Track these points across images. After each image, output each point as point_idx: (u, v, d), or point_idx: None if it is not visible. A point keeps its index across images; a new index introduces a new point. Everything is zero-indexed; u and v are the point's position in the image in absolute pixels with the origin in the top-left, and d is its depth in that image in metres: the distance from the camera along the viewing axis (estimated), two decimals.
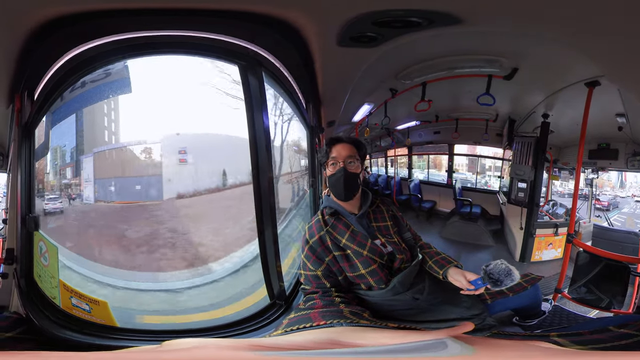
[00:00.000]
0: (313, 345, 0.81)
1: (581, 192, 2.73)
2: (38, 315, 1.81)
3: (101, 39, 1.69)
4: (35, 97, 1.85)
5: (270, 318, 2.02)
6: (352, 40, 1.76)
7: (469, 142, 3.32)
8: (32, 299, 1.84)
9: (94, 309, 1.94)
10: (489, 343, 0.79)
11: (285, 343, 0.88)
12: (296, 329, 1.18)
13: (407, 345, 0.76)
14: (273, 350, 0.74)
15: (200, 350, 0.77)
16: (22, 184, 1.84)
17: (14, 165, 1.90)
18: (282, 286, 2.11)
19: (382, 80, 2.80)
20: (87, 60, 1.76)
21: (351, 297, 1.64)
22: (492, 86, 2.59)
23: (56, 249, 1.97)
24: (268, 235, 2.02)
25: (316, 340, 0.85)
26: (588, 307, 2.29)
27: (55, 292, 1.91)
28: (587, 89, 2.28)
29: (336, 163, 1.66)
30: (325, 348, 0.79)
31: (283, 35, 1.74)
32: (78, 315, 1.91)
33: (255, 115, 1.93)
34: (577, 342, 1.37)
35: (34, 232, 1.88)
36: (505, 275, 1.43)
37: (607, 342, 1.38)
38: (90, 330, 1.88)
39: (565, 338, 1.41)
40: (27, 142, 1.86)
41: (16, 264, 1.86)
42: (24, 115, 1.82)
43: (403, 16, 1.60)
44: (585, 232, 2.70)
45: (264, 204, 1.99)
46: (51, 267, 1.94)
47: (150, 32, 1.70)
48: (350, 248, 1.63)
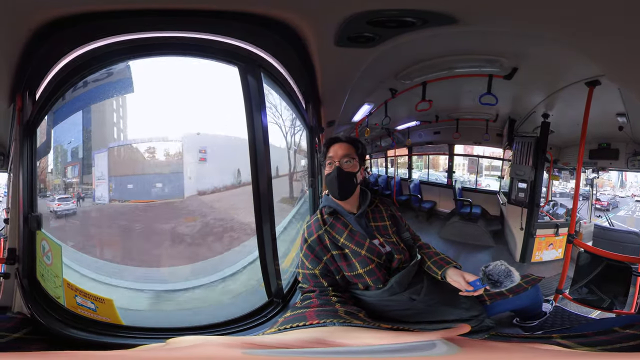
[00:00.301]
0: (301, 344, 0.81)
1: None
2: (43, 315, 1.80)
3: (103, 40, 1.70)
4: (37, 96, 1.85)
5: (267, 316, 2.03)
6: (349, 41, 1.77)
7: (470, 142, 3.31)
8: (36, 298, 1.83)
9: (100, 307, 1.93)
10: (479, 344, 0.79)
11: (274, 341, 0.89)
12: (289, 328, 1.18)
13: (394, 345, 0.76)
14: (263, 348, 0.74)
15: (198, 348, 0.77)
16: (24, 184, 1.84)
17: (16, 164, 1.90)
18: (280, 284, 2.11)
19: (381, 80, 2.80)
20: (89, 61, 1.76)
21: (348, 297, 1.65)
22: (492, 86, 2.59)
23: (60, 248, 1.96)
24: (266, 234, 2.02)
25: (305, 340, 0.86)
26: (590, 307, 2.28)
27: (60, 292, 1.91)
28: (587, 89, 2.27)
29: (332, 162, 1.67)
30: (311, 347, 0.80)
31: (282, 35, 1.75)
32: (83, 314, 1.90)
33: (254, 116, 1.94)
34: (582, 343, 1.35)
35: (36, 232, 1.87)
36: (504, 276, 1.42)
37: (613, 344, 1.37)
38: (96, 329, 1.87)
39: (569, 340, 1.39)
40: (28, 141, 1.86)
41: (18, 264, 1.85)
42: (26, 114, 1.83)
43: (397, 16, 1.60)
44: (586, 232, 2.69)
45: (262, 203, 2.00)
46: (54, 266, 1.93)
47: (150, 34, 1.71)
48: (349, 247, 1.63)
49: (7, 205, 2.18)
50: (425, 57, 2.51)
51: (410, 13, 1.56)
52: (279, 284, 2.11)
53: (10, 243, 1.94)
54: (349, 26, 1.63)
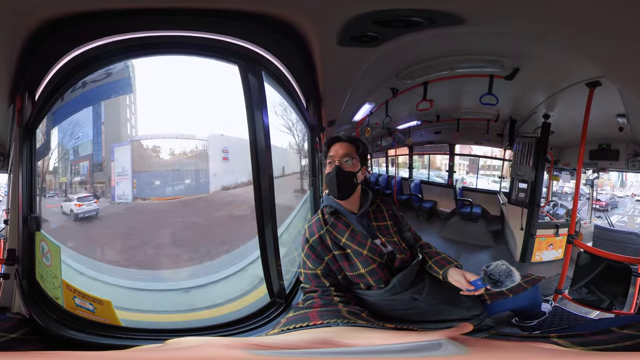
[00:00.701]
0: (307, 345, 0.81)
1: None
2: (42, 315, 1.79)
3: (102, 39, 1.69)
4: (36, 97, 1.84)
5: (269, 317, 2.02)
6: (352, 40, 1.76)
7: (470, 142, 3.32)
8: (35, 299, 1.82)
9: (98, 309, 1.93)
10: (485, 344, 0.79)
11: (279, 342, 0.88)
12: (293, 328, 1.18)
13: (400, 345, 0.76)
14: (267, 349, 0.74)
15: (198, 349, 0.77)
16: (24, 184, 1.82)
17: (15, 165, 1.89)
18: (282, 285, 2.11)
19: (383, 80, 2.80)
20: (88, 61, 1.75)
21: (350, 297, 1.64)
22: (493, 86, 2.59)
23: (58, 249, 1.96)
24: (268, 234, 2.01)
25: (311, 340, 0.85)
26: (589, 308, 2.28)
27: (58, 293, 1.90)
28: (588, 90, 2.27)
29: (332, 162, 1.66)
30: (318, 348, 0.80)
31: (283, 34, 1.74)
32: (82, 315, 1.90)
33: (255, 115, 1.93)
34: (579, 343, 1.36)
35: (36, 233, 1.86)
36: (505, 276, 1.43)
37: (610, 343, 1.37)
38: (95, 330, 1.86)
39: (566, 339, 1.40)
40: (28, 142, 1.85)
41: (18, 265, 1.84)
42: (25, 115, 1.82)
43: (406, 16, 1.60)
44: (586, 233, 2.70)
45: (264, 203, 1.99)
46: (54, 267, 1.92)
47: (150, 32, 1.70)
48: (350, 247, 1.63)
49: (7, 206, 2.15)
50: (428, 57, 2.51)
51: (420, 13, 1.56)
52: (281, 284, 2.11)
53: (10, 244, 1.93)
54: (353, 25, 1.63)
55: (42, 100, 1.84)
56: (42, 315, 1.79)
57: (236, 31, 1.74)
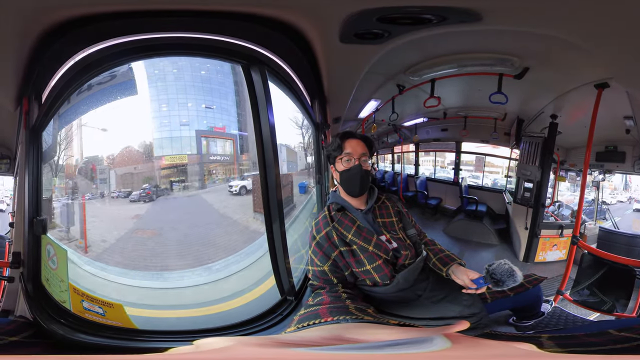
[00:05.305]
0: (322, 341, 0.84)
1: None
2: (46, 318, 1.78)
3: (107, 42, 1.71)
4: (42, 100, 1.83)
5: (282, 314, 2.04)
6: (356, 37, 1.76)
7: (477, 140, 3.30)
8: (40, 302, 1.80)
9: (108, 312, 1.93)
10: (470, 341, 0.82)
11: (298, 339, 0.91)
12: (307, 325, 1.21)
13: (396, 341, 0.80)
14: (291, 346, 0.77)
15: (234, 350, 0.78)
16: (30, 187, 1.81)
17: (22, 168, 1.87)
18: (291, 282, 2.12)
19: (389, 77, 2.79)
20: (94, 63, 1.76)
21: (357, 293, 1.66)
22: (502, 85, 2.57)
23: (65, 252, 1.96)
24: (276, 231, 2.03)
25: (324, 337, 0.89)
26: (589, 309, 2.28)
27: (65, 296, 1.89)
28: (596, 91, 2.25)
29: (351, 159, 1.67)
30: (333, 344, 0.82)
31: (286, 34, 1.75)
32: (91, 319, 1.89)
33: (261, 114, 1.95)
34: (568, 344, 1.37)
35: (42, 236, 1.85)
36: (507, 275, 1.44)
37: (603, 345, 1.38)
38: (107, 333, 1.86)
39: (554, 340, 1.41)
40: (34, 145, 1.83)
41: (23, 268, 1.82)
42: (32, 118, 1.81)
43: (416, 13, 1.59)
44: (591, 235, 2.68)
45: (271, 201, 2.00)
46: (60, 270, 1.92)
47: (155, 34, 1.72)
48: (356, 244, 1.64)
49: (13, 209, 2.17)
50: (435, 54, 2.50)
51: (431, 10, 1.55)
52: (291, 281, 2.12)
53: (15, 247, 1.89)
54: (357, 23, 1.62)
55: (48, 102, 1.83)
56: (47, 318, 1.78)
57: (239, 32, 1.76)
